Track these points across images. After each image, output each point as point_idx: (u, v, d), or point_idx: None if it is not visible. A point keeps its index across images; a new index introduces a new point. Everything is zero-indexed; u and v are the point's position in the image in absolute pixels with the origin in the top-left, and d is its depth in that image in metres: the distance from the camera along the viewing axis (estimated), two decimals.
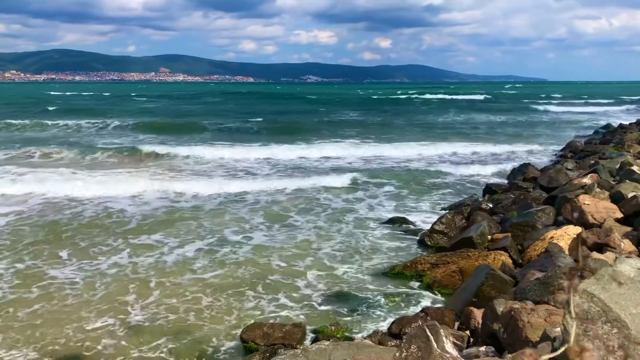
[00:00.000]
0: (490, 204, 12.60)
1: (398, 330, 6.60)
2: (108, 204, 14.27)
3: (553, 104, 65.55)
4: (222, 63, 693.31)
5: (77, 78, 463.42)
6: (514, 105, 61.39)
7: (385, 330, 6.89)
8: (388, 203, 14.64)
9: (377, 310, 7.91)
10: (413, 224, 12.27)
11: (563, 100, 76.57)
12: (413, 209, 13.95)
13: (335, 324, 7.15)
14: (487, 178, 17.69)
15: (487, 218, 10.99)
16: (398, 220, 12.44)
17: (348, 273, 9.43)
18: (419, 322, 6.51)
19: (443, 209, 13.56)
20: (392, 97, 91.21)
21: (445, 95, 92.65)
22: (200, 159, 22.00)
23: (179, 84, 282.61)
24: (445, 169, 20.14)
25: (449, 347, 4.28)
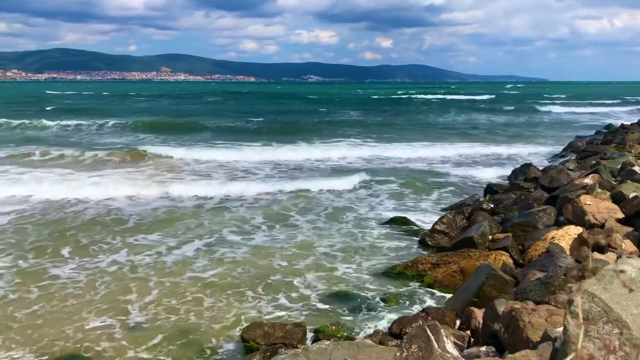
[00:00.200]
0: (492, 204, 12.59)
1: (399, 330, 6.60)
2: (107, 205, 14.22)
3: (555, 104, 65.49)
4: (223, 62, 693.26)
5: (78, 77, 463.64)
6: (516, 106, 61.31)
7: (386, 330, 6.88)
8: (389, 203, 14.63)
9: (377, 310, 7.91)
10: (414, 224, 12.26)
11: (565, 101, 76.50)
12: (414, 209, 13.94)
13: (336, 324, 7.15)
14: (488, 178, 17.67)
15: (488, 218, 10.99)
16: (399, 220, 12.43)
17: (349, 273, 9.43)
18: (420, 322, 6.51)
19: (444, 209, 13.56)
20: (393, 97, 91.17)
21: (446, 96, 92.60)
22: (201, 159, 21.89)
23: (180, 84, 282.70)
24: (446, 169, 20.14)
25: (450, 347, 4.28)
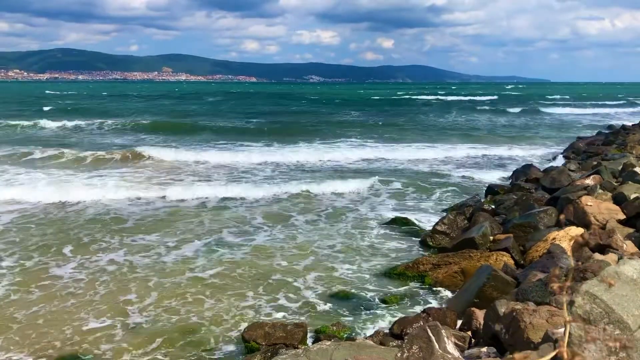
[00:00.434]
0: (493, 205, 12.58)
1: (399, 331, 6.60)
2: (107, 206, 14.13)
3: (556, 105, 65.47)
4: (224, 63, 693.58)
5: (80, 77, 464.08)
6: (517, 106, 61.26)
7: (387, 331, 6.88)
8: (390, 203, 14.63)
9: (378, 311, 7.91)
10: (415, 224, 12.25)
11: (567, 102, 76.45)
12: (415, 210, 13.94)
13: (337, 324, 7.15)
14: (489, 179, 17.66)
15: (489, 219, 10.98)
16: (400, 221, 12.42)
17: (349, 273, 9.43)
18: (421, 322, 6.50)
19: (445, 210, 13.55)
20: (394, 97, 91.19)
21: (447, 96, 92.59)
22: (201, 160, 21.70)
23: (182, 84, 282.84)
24: (447, 170, 20.14)
25: (451, 347, 4.27)
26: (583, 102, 76.12)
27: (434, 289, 8.64)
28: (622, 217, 9.05)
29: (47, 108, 52.02)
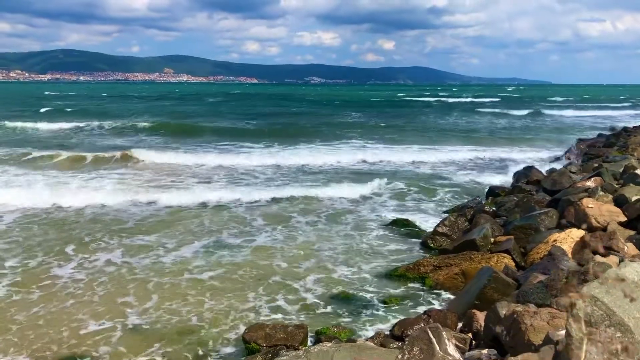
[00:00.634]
0: (494, 207, 12.58)
1: (400, 332, 6.59)
2: (106, 208, 13.98)
3: (557, 107, 65.46)
4: (225, 64, 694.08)
5: (81, 78, 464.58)
6: (518, 108, 61.24)
7: (388, 332, 6.87)
8: (391, 205, 14.62)
9: (379, 312, 7.90)
10: (416, 226, 12.25)
11: (568, 103, 76.45)
12: (416, 211, 13.93)
13: (338, 326, 7.14)
14: (490, 180, 17.65)
15: (490, 220, 10.97)
16: (401, 222, 12.42)
17: (350, 275, 9.42)
18: (422, 324, 6.50)
19: (446, 211, 13.54)
20: (395, 99, 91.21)
21: (448, 98, 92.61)
22: (201, 162, 21.54)
23: (183, 85, 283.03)
24: (448, 172, 20.14)
25: (451, 349, 4.27)
26: (584, 103, 76.13)
27: (435, 291, 8.63)
28: (623, 219, 9.03)
29: (44, 109, 51.40)
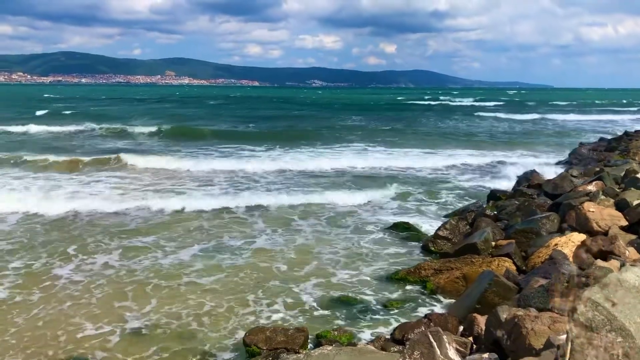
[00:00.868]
0: (495, 211, 12.56)
1: (401, 336, 6.58)
2: (104, 213, 13.77)
3: (559, 111, 65.45)
4: (227, 67, 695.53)
5: (83, 80, 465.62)
6: (520, 112, 61.26)
7: (388, 336, 6.87)
8: (391, 208, 14.62)
9: (380, 316, 7.89)
10: (417, 230, 12.24)
11: (569, 107, 76.45)
12: (417, 214, 13.92)
13: (338, 329, 7.13)
14: (491, 184, 17.64)
15: (491, 224, 10.96)
16: (401, 226, 12.41)
17: (351, 278, 9.41)
18: (422, 328, 6.49)
19: (447, 215, 13.53)
20: (396, 102, 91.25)
21: (450, 102, 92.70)
22: (200, 165, 21.37)
23: (184, 87, 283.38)
24: (449, 175, 20.14)
25: (452, 353, 4.27)
26: (585, 107, 76.15)
27: (436, 295, 8.62)
28: (624, 223, 9.02)
29: (40, 112, 50.51)
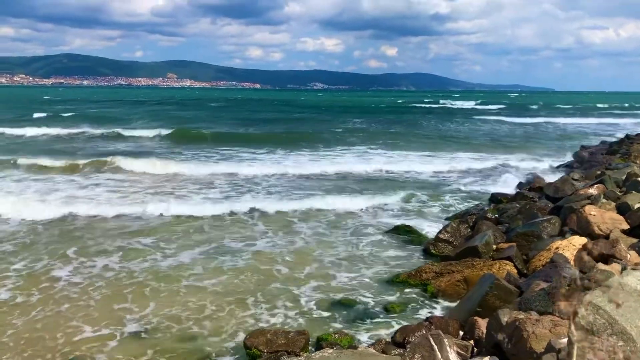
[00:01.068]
0: (496, 214, 12.57)
1: (402, 339, 6.58)
2: (104, 217, 13.68)
3: (560, 114, 65.45)
4: (228, 69, 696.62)
5: (85, 83, 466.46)
6: (521, 115, 61.25)
7: (389, 339, 6.86)
8: (392, 211, 14.61)
9: (380, 319, 7.89)
10: (418, 232, 12.23)
11: (570, 111, 76.45)
12: (418, 217, 13.91)
13: (339, 332, 7.13)
14: (492, 187, 17.63)
15: (492, 227, 10.96)
16: (403, 229, 12.40)
17: (352, 281, 9.41)
18: (423, 331, 6.49)
19: (448, 218, 13.53)
20: (397, 105, 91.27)
21: (451, 105, 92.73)
22: (201, 168, 21.29)
23: (185, 90, 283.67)
24: (451, 178, 20.14)
25: (453, 356, 4.27)
26: (587, 111, 76.11)
27: (437, 298, 8.62)
28: (625, 226, 9.01)
29: (38, 115, 50.08)
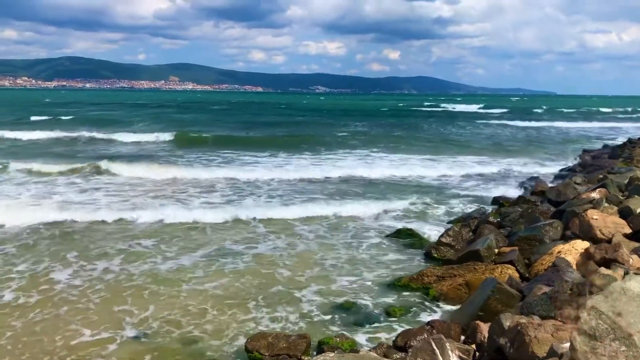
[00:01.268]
0: (498, 217, 12.54)
1: (403, 343, 6.56)
2: (103, 221, 13.55)
3: (562, 118, 65.41)
4: (231, 72, 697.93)
5: (87, 85, 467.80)
6: (524, 119, 61.21)
7: (391, 343, 6.84)
8: (394, 214, 14.60)
9: (382, 322, 7.87)
10: (419, 236, 12.22)
11: (573, 115, 76.42)
12: (420, 221, 13.90)
13: (340, 336, 7.11)
14: (494, 191, 17.61)
15: (494, 231, 10.94)
16: (404, 232, 12.39)
17: (353, 284, 9.39)
18: (425, 335, 6.47)
19: (450, 222, 13.51)
20: (399, 109, 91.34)
21: (453, 108, 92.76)
22: (202, 171, 21.27)
23: (187, 93, 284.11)
24: (453, 182, 20.13)
25: None
26: (589, 114, 76.09)
27: (438, 302, 8.60)
28: (628, 231, 8.98)
29: (36, 118, 49.77)
